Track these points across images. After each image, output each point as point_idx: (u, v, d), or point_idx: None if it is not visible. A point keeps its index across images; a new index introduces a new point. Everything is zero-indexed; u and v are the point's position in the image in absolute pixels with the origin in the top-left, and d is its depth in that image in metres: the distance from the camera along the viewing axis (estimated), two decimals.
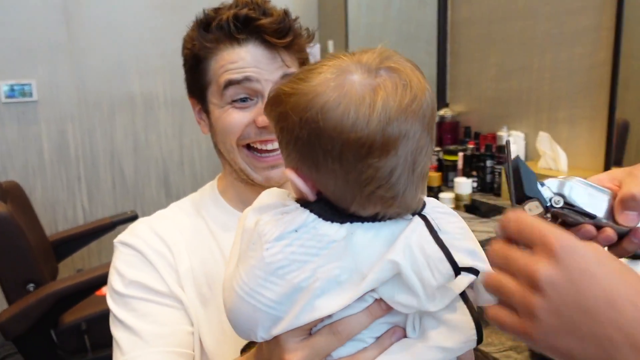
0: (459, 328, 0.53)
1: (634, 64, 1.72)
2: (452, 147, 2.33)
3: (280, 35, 0.81)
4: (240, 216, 0.60)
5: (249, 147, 0.85)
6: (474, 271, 0.52)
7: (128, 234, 0.88)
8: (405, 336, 0.55)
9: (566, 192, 0.55)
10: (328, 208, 0.53)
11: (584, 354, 0.41)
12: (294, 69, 0.84)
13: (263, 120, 0.81)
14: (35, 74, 2.65)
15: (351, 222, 0.53)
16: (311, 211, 0.53)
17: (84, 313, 2.05)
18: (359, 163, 0.50)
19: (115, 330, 0.82)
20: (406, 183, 0.52)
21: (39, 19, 2.63)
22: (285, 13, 0.83)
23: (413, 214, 0.55)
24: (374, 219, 0.53)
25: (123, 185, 2.93)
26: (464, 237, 0.56)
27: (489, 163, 2.12)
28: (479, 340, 0.54)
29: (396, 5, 3.07)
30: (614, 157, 1.74)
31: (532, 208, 0.57)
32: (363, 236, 0.52)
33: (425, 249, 0.51)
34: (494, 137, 2.17)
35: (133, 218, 2.41)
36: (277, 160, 0.84)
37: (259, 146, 0.84)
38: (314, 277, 0.51)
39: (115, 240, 0.88)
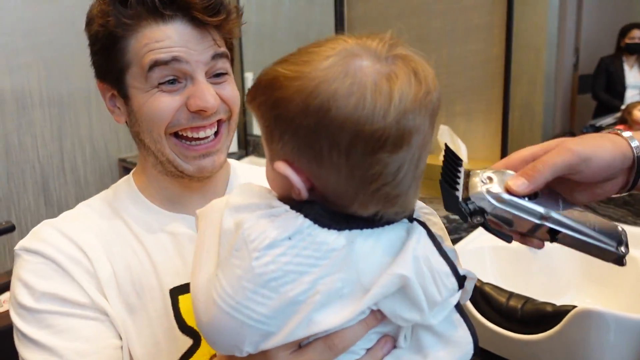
0: (457, 342, 0.51)
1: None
2: None
3: (212, 12, 0.72)
4: (203, 211, 0.52)
5: (176, 135, 0.76)
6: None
7: (33, 239, 0.75)
8: (395, 346, 0.51)
9: (489, 210, 0.54)
10: (324, 212, 0.47)
11: None
12: (224, 48, 0.76)
13: (195, 103, 0.73)
14: None
15: (349, 229, 0.47)
16: (306, 216, 0.47)
17: None
18: (369, 157, 0.45)
19: (27, 352, 0.70)
20: (410, 180, 0.48)
21: None
22: None
23: (409, 219, 0.51)
24: (372, 223, 0.48)
25: None
26: (445, 238, 0.53)
27: None
28: (475, 352, 0.52)
29: (286, 5, 3.07)
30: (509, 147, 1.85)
31: None
32: (363, 244, 0.47)
33: (431, 262, 0.48)
34: None
35: (9, 229, 2.13)
36: (209, 149, 0.76)
37: (189, 134, 0.75)
38: (314, 290, 0.45)
39: (16, 248, 0.75)
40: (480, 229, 0.76)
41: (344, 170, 0.46)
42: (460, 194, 0.54)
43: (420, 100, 0.46)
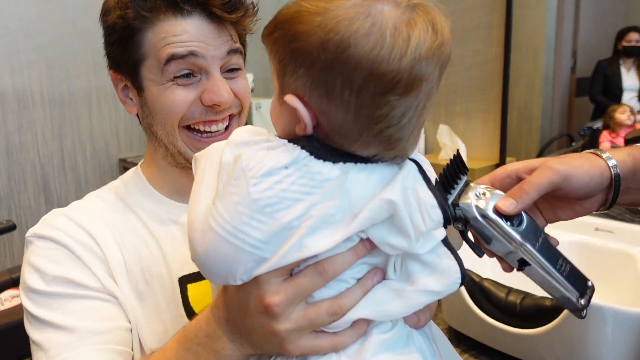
0: (444, 271, 0.52)
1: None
2: None
3: (231, 9, 0.74)
4: (202, 153, 0.54)
5: (189, 128, 0.77)
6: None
7: (44, 226, 0.76)
8: (384, 278, 0.53)
9: (472, 221, 0.57)
10: (320, 145, 0.49)
11: None
12: (239, 44, 0.78)
13: (210, 98, 0.74)
14: None
15: (344, 162, 0.49)
16: (302, 147, 0.49)
17: None
18: (378, 98, 0.47)
19: (37, 333, 0.70)
20: (413, 127, 0.50)
21: None
22: None
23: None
24: (367, 160, 0.50)
25: None
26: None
27: None
28: (462, 282, 0.53)
29: None
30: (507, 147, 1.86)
31: None
32: (356, 176, 0.49)
33: (419, 193, 0.49)
34: None
35: (10, 228, 2.14)
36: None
37: (201, 127, 0.77)
38: (307, 215, 0.47)
39: (28, 235, 0.76)
40: None
41: (352, 108, 0.47)
42: (452, 197, 0.57)
43: (435, 49, 0.47)
